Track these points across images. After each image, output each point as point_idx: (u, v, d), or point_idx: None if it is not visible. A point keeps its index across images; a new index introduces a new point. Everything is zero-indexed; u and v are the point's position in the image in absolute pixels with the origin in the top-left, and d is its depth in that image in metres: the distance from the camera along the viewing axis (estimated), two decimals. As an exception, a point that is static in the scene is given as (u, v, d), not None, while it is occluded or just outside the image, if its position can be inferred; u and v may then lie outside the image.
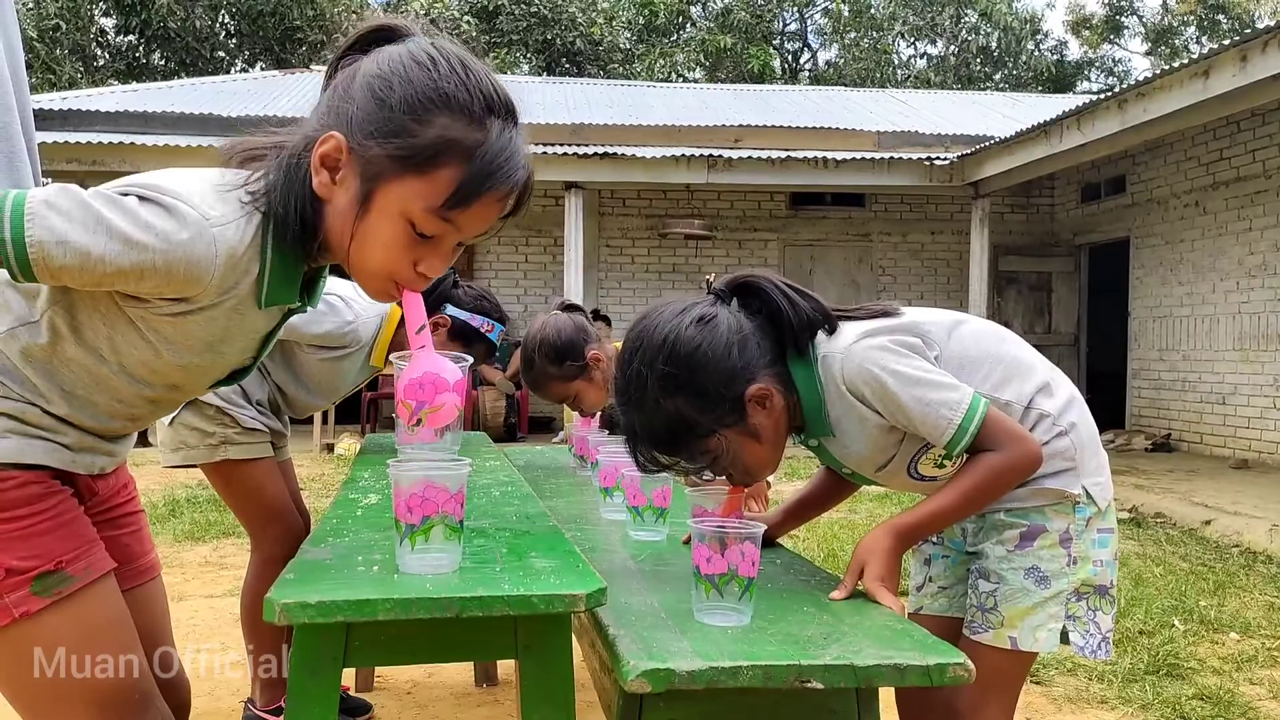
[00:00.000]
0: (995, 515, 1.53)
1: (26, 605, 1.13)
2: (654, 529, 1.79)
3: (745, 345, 1.42)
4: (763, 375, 1.43)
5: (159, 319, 1.14)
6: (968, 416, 1.39)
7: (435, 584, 1.18)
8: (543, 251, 11.18)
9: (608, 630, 1.22)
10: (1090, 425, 1.57)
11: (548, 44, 20.01)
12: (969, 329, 1.56)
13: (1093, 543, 1.51)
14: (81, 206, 1.02)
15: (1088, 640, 1.50)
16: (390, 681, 2.90)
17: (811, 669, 1.11)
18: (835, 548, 4.74)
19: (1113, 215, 10.34)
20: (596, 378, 2.55)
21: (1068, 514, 1.50)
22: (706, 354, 1.39)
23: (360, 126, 1.10)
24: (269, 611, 1.09)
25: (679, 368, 1.38)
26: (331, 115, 1.13)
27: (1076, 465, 1.51)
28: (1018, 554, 1.50)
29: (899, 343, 1.44)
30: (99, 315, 1.14)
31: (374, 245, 1.13)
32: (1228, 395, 8.64)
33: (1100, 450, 1.58)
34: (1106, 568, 1.52)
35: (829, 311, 1.48)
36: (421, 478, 1.23)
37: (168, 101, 10.88)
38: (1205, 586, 4.14)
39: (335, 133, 1.11)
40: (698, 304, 1.45)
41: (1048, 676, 3.02)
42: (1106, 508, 1.53)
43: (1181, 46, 24.77)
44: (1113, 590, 1.54)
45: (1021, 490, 1.49)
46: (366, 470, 2.24)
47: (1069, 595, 1.49)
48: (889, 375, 1.40)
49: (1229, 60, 5.99)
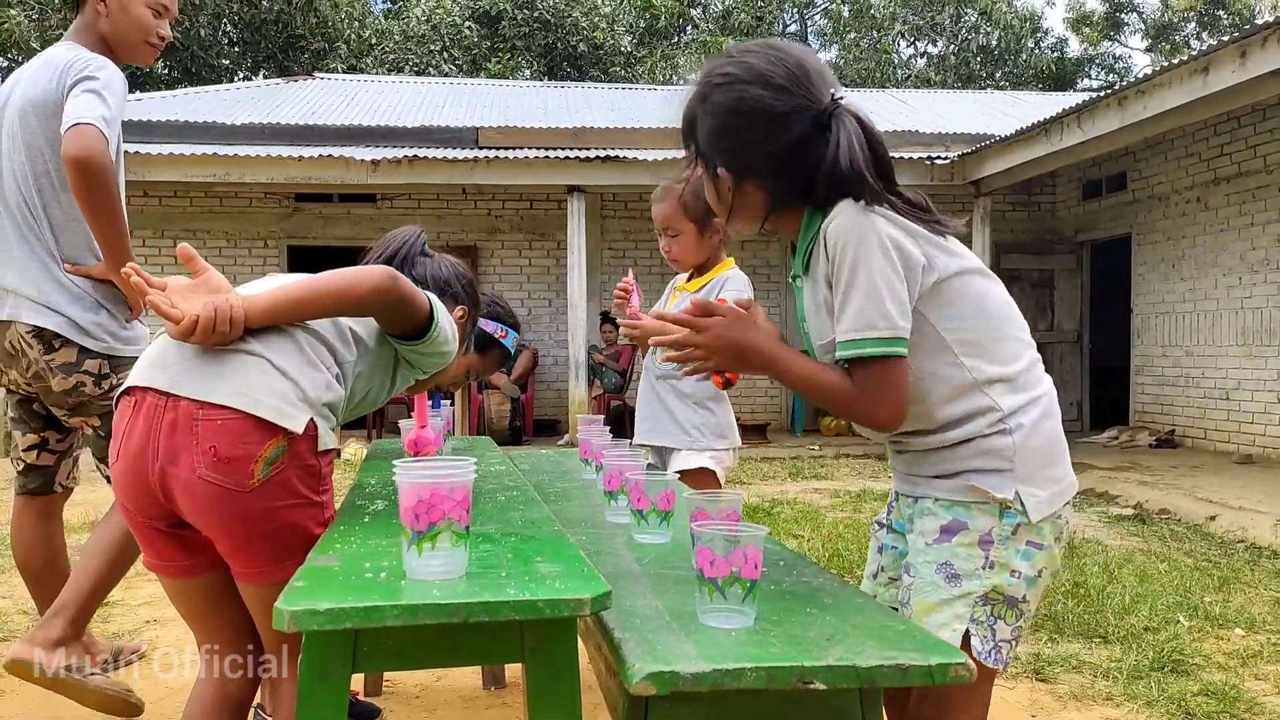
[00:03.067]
0: (925, 501, 1.49)
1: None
2: (658, 532, 1.80)
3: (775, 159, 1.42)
4: (744, 177, 1.46)
5: (404, 381, 1.85)
6: (868, 343, 1.36)
7: (442, 590, 1.19)
8: (546, 255, 11.20)
9: (613, 633, 1.23)
10: (1050, 437, 1.48)
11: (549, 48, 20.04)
12: (997, 291, 1.50)
13: (1017, 552, 1.43)
14: (448, 320, 1.76)
15: (984, 645, 1.43)
16: (399, 685, 2.91)
17: (815, 670, 1.13)
18: (840, 547, 4.74)
19: (1114, 212, 10.34)
20: (705, 239, 2.68)
21: (993, 516, 1.43)
22: (748, 109, 1.41)
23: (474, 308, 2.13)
24: (278, 619, 1.11)
25: (728, 93, 1.43)
26: (453, 289, 2.03)
27: (1013, 468, 1.43)
28: (934, 547, 1.46)
29: (898, 245, 1.38)
30: (381, 368, 1.77)
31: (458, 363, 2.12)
32: (1231, 391, 8.63)
33: (1057, 465, 1.48)
34: (1024, 581, 1.44)
35: (879, 190, 1.40)
36: (428, 484, 1.24)
37: (171, 110, 10.92)
38: (1210, 582, 4.15)
39: (465, 306, 2.07)
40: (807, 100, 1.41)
41: (1053, 674, 3.03)
42: (1041, 522, 1.44)
43: (1182, 43, 24.75)
44: (1024, 606, 1.45)
45: (950, 482, 1.46)
46: (373, 476, 2.25)
47: (978, 598, 1.43)
48: (859, 258, 1.36)
49: (1229, 56, 5.99)
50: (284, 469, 1.48)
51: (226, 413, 1.44)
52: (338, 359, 1.63)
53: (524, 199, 11.03)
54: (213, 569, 1.60)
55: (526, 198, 11.01)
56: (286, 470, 1.48)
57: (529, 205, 11.14)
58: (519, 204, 11.13)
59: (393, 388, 1.83)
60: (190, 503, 1.47)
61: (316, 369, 1.56)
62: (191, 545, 1.57)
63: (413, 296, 1.64)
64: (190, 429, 1.44)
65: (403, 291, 1.61)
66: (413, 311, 1.65)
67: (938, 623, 1.43)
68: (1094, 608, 3.69)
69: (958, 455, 1.46)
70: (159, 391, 1.47)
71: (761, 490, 6.88)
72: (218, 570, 1.60)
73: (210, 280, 1.53)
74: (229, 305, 1.46)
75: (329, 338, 1.62)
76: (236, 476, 1.44)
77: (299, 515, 1.52)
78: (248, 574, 1.55)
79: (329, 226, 11.05)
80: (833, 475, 7.83)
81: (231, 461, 1.43)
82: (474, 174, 9.49)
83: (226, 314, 1.46)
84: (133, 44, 2.58)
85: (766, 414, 11.26)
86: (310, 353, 1.56)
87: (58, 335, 2.48)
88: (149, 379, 1.49)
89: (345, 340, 1.66)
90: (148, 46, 2.61)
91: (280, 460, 1.47)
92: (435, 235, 10.74)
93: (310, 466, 1.53)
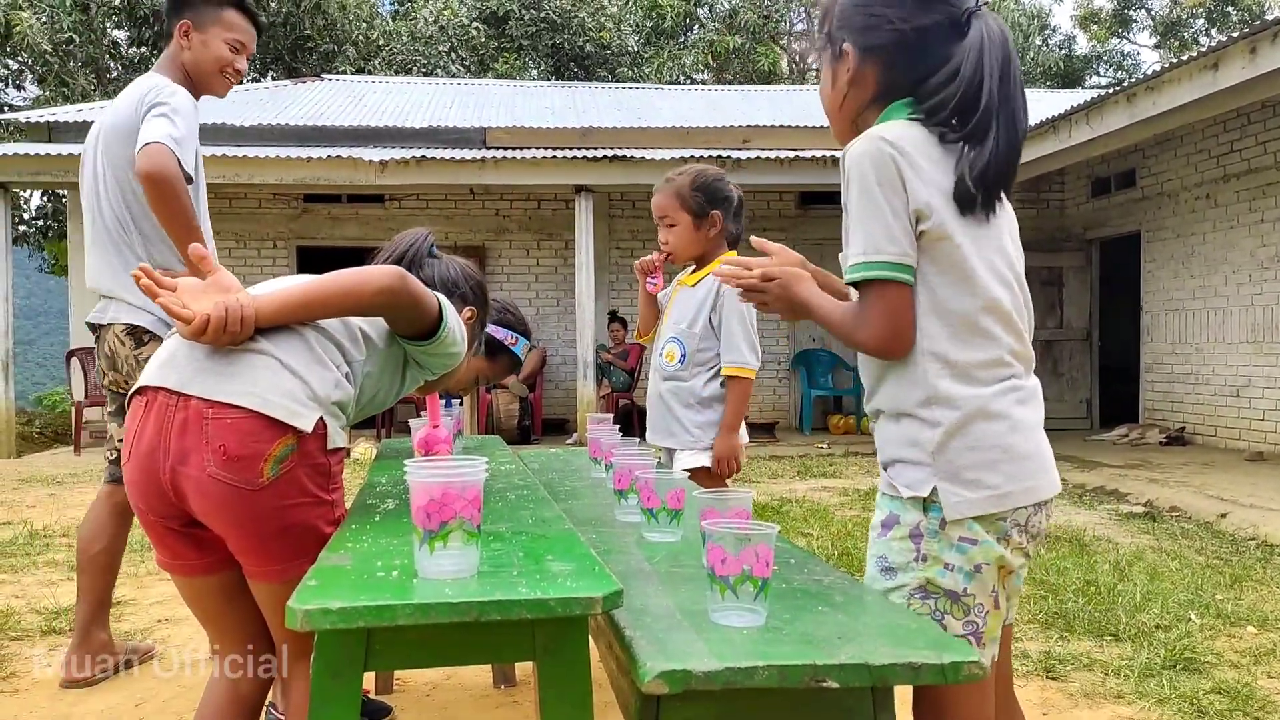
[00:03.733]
0: (879, 494, 1.54)
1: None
2: (668, 530, 1.81)
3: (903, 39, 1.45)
4: (867, 55, 1.48)
5: (413, 381, 1.83)
6: (862, 269, 1.40)
7: (454, 589, 1.19)
8: (554, 255, 11.21)
9: (624, 632, 1.23)
10: (984, 442, 1.40)
11: (556, 48, 20.04)
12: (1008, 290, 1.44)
13: (949, 545, 1.41)
14: (457, 321, 1.77)
15: None
16: (410, 684, 2.92)
17: (827, 669, 1.13)
18: (849, 546, 4.74)
19: (1123, 209, 10.30)
20: (702, 231, 2.74)
21: (919, 510, 1.43)
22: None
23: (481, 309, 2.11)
24: (291, 618, 1.12)
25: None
26: (460, 290, 2.02)
27: (931, 464, 1.41)
28: (876, 541, 1.49)
29: (883, 170, 1.37)
30: (390, 369, 1.75)
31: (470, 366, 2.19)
32: (1241, 388, 8.60)
33: (993, 471, 1.40)
34: (959, 574, 1.41)
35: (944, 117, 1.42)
36: (439, 483, 1.25)
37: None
38: (1222, 580, 4.13)
39: (471, 307, 2.03)
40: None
41: (1064, 672, 3.02)
42: (968, 520, 1.40)
43: (1191, 39, 24.62)
44: (968, 600, 1.42)
45: (886, 475, 1.50)
46: (383, 476, 2.26)
47: (911, 590, 1.43)
48: (858, 175, 1.39)
49: (1238, 52, 5.97)
50: (293, 467, 1.49)
51: (236, 411, 1.45)
52: (347, 358, 1.64)
53: (531, 199, 11.05)
54: (225, 568, 1.61)
55: (534, 198, 11.02)
56: (296, 469, 1.49)
57: (536, 205, 11.15)
58: (526, 204, 11.14)
59: (402, 388, 1.83)
60: (201, 502, 1.48)
61: (326, 368, 1.57)
62: (204, 544, 1.58)
63: (421, 297, 1.64)
64: (200, 428, 1.44)
65: (411, 291, 1.61)
66: (421, 312, 1.65)
67: None
68: (1105, 605, 3.67)
69: (890, 438, 1.48)
70: (170, 391, 1.48)
71: (770, 489, 6.87)
72: (230, 569, 1.61)
73: (221, 280, 1.53)
74: (239, 305, 1.47)
75: (339, 337, 1.63)
76: (246, 475, 1.45)
77: (309, 514, 1.53)
78: (259, 572, 1.55)
79: (337, 227, 11.08)
80: (841, 474, 7.82)
81: (241, 460, 1.44)
82: (482, 174, 9.50)
83: (237, 314, 1.46)
84: (209, 75, 2.84)
85: (774, 413, 11.26)
86: (320, 351, 1.57)
87: (148, 331, 2.77)
88: (160, 379, 1.50)
89: (355, 340, 1.66)
90: (223, 78, 2.87)
91: (290, 459, 1.48)
92: (443, 235, 10.76)
93: (320, 465, 1.54)
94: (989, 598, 1.44)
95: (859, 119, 1.54)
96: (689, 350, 2.74)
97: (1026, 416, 1.44)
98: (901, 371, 1.45)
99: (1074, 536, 5.08)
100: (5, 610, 3.66)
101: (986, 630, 1.44)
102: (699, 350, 2.73)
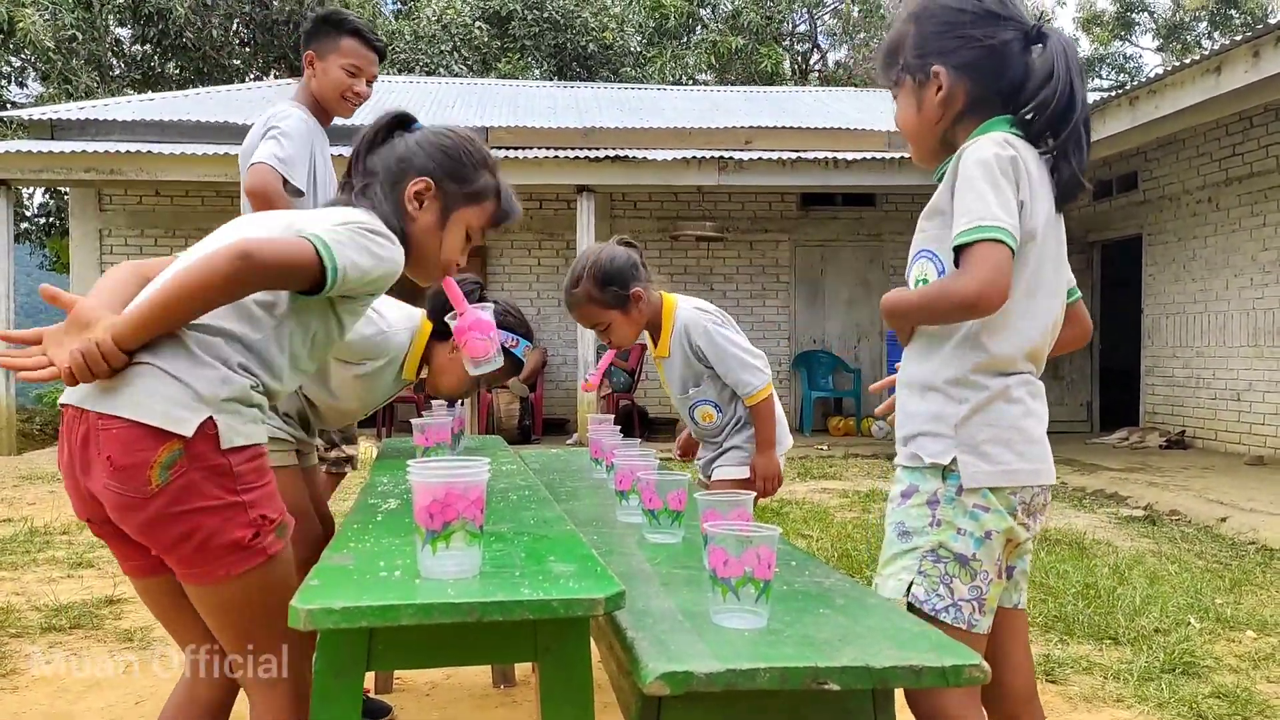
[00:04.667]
0: (897, 468, 1.63)
1: (274, 546, 1.51)
2: (670, 532, 1.81)
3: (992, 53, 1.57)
4: (958, 72, 1.57)
5: (352, 314, 1.68)
6: (974, 231, 1.44)
7: (456, 589, 1.20)
8: (555, 255, 11.22)
9: (626, 633, 1.24)
10: (1005, 422, 1.54)
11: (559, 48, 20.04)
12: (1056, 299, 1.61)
13: (963, 512, 1.52)
14: (351, 240, 1.55)
15: (930, 597, 1.51)
16: (409, 683, 2.93)
17: (828, 671, 1.13)
18: (849, 548, 4.74)
19: (1125, 212, 10.30)
20: (633, 314, 2.63)
21: (938, 478, 1.54)
22: (970, 6, 1.58)
23: (444, 175, 1.74)
24: (294, 617, 1.12)
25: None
26: (408, 165, 1.73)
27: (954, 436, 1.53)
28: (896, 509, 1.59)
29: (1005, 165, 1.49)
30: (315, 315, 1.62)
31: (448, 248, 1.78)
32: (1242, 392, 8.60)
33: (1010, 449, 1.54)
34: (970, 540, 1.51)
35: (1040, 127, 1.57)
36: (442, 483, 1.25)
37: (184, 110, 10.96)
38: (1221, 584, 4.13)
39: (425, 177, 1.72)
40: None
41: (1063, 675, 3.02)
42: (984, 489, 1.51)
43: (1193, 42, 24.62)
44: (975, 564, 1.52)
45: (906, 449, 1.60)
46: (385, 475, 2.26)
47: (924, 552, 1.53)
48: (979, 165, 1.48)
49: (1241, 56, 5.97)
50: (185, 472, 1.45)
51: (118, 422, 1.44)
52: (246, 344, 1.54)
53: (533, 198, 11.05)
54: (168, 569, 1.58)
55: (536, 197, 11.02)
56: (189, 473, 1.45)
57: (539, 205, 11.16)
58: (529, 203, 11.14)
59: (339, 328, 1.68)
60: (110, 511, 1.48)
61: (208, 366, 1.49)
62: (145, 545, 1.56)
63: (285, 258, 1.48)
64: (95, 440, 1.45)
65: (267, 261, 1.46)
66: (294, 269, 1.49)
67: (887, 574, 1.57)
68: (1104, 609, 3.68)
69: (914, 411, 1.59)
70: (75, 406, 1.49)
71: (770, 490, 6.87)
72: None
73: (80, 316, 1.47)
74: (94, 346, 1.42)
75: (227, 326, 1.52)
76: (134, 484, 1.43)
77: (213, 518, 1.47)
78: (181, 575, 1.53)
79: (339, 226, 11.07)
80: (841, 475, 7.82)
81: (127, 469, 1.43)
82: (484, 174, 9.49)
83: (95, 356, 1.41)
84: (332, 100, 3.07)
85: (775, 414, 11.25)
86: (199, 352, 1.49)
87: None
88: (68, 395, 1.51)
89: (251, 319, 1.54)
90: (344, 101, 3.08)
91: (179, 464, 1.44)
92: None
93: (217, 466, 1.47)
94: (994, 565, 1.54)
95: (948, 136, 1.64)
96: (721, 401, 2.74)
97: (1037, 408, 1.59)
98: (940, 348, 1.57)
99: (1074, 540, 5.08)
100: (5, 607, 3.67)
101: (988, 598, 1.54)
102: (721, 391, 2.73)
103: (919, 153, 1.71)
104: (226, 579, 1.48)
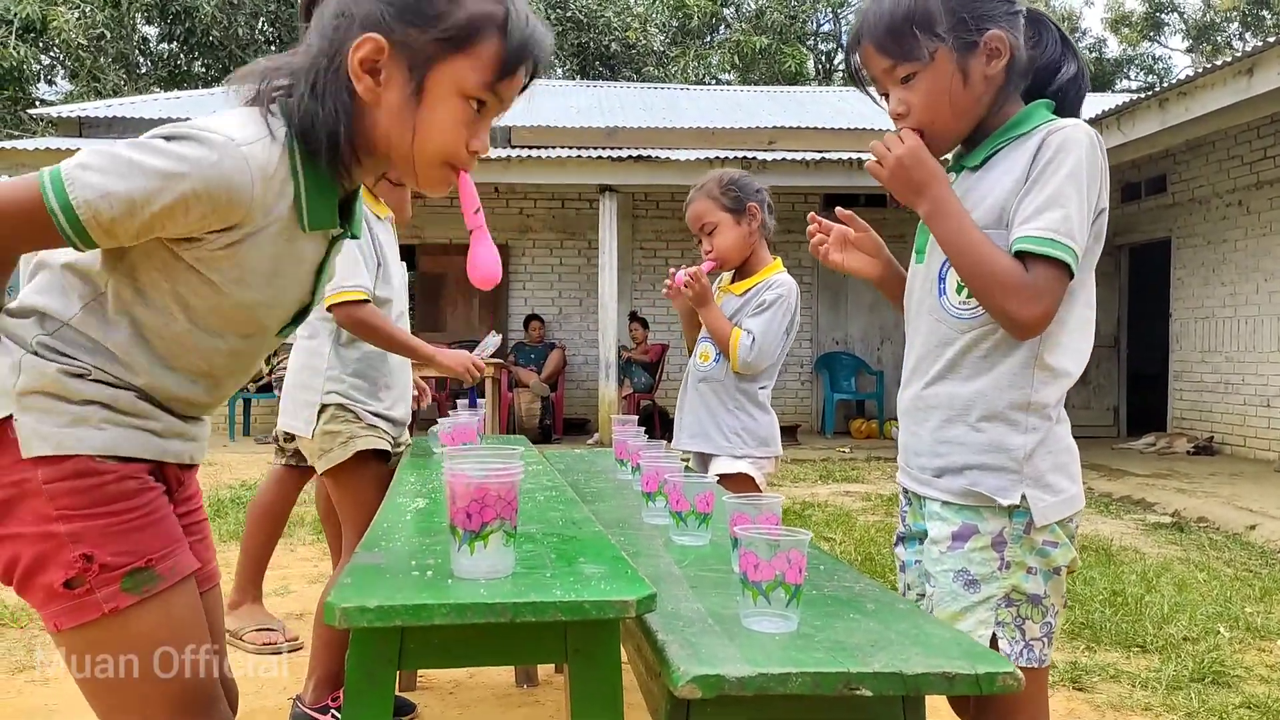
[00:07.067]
0: (933, 505, 1.48)
1: (115, 601, 1.16)
2: (697, 534, 1.81)
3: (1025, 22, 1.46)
4: (1008, 39, 1.43)
5: (214, 255, 1.17)
6: (1063, 247, 1.35)
7: (489, 589, 1.20)
8: (577, 254, 11.23)
9: (656, 636, 1.23)
10: (1065, 444, 1.47)
11: (582, 48, 20.08)
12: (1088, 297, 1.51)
13: (1032, 549, 1.43)
14: (112, 158, 1.08)
15: (1013, 646, 1.42)
16: (433, 682, 2.94)
17: (860, 677, 1.12)
18: (873, 551, 4.72)
19: (1153, 215, 10.20)
20: (743, 227, 2.64)
21: (1004, 516, 1.42)
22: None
23: (397, 19, 1.16)
24: (329, 615, 1.12)
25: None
26: (348, 22, 1.17)
27: (1020, 471, 1.42)
28: (950, 555, 1.45)
29: (1094, 162, 1.39)
30: (159, 272, 1.19)
31: (436, 130, 1.20)
32: (1272, 398, 8.49)
33: (1065, 473, 1.46)
34: (1040, 577, 1.43)
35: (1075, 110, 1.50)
36: (479, 483, 1.24)
37: (210, 108, 10.98)
38: (1251, 593, 4.08)
39: (371, 34, 1.15)
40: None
41: (1091, 683, 2.99)
42: (1048, 526, 1.42)
43: (1224, 43, 24.34)
44: (1047, 602, 1.44)
45: (955, 481, 1.45)
46: (413, 474, 2.27)
47: (999, 601, 1.42)
48: (1075, 158, 1.37)
49: (1274, 57, 5.89)
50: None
51: None
52: (56, 323, 1.18)
53: (556, 198, 11.07)
54: None
55: (558, 197, 11.04)
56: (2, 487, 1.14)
57: (561, 204, 11.18)
58: (551, 203, 11.16)
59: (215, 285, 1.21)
60: None
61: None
62: None
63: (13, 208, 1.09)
64: None
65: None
66: (13, 222, 1.10)
67: (963, 631, 1.41)
68: (1132, 617, 3.64)
69: (964, 441, 1.44)
70: None
71: (792, 492, 6.86)
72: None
73: None
74: None
75: (30, 303, 1.21)
76: None
77: (28, 548, 1.14)
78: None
79: (363, 224, 11.13)
80: (864, 478, 7.78)
81: None
82: (507, 173, 9.53)
83: None
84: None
85: (796, 416, 11.22)
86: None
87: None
88: None
89: (61, 291, 1.20)
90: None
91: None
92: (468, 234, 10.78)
93: (20, 483, 1.13)
94: (1060, 598, 1.47)
95: (989, 115, 1.49)
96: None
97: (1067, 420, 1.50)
98: (994, 367, 1.44)
99: (1101, 546, 5.03)
100: (35, 599, 3.71)
101: (1056, 630, 1.48)
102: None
103: (950, 135, 1.51)
104: (56, 633, 1.18)
